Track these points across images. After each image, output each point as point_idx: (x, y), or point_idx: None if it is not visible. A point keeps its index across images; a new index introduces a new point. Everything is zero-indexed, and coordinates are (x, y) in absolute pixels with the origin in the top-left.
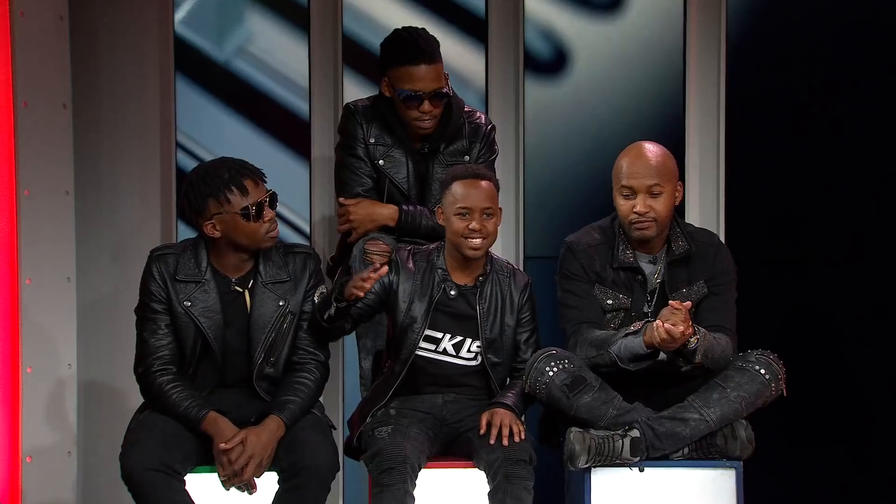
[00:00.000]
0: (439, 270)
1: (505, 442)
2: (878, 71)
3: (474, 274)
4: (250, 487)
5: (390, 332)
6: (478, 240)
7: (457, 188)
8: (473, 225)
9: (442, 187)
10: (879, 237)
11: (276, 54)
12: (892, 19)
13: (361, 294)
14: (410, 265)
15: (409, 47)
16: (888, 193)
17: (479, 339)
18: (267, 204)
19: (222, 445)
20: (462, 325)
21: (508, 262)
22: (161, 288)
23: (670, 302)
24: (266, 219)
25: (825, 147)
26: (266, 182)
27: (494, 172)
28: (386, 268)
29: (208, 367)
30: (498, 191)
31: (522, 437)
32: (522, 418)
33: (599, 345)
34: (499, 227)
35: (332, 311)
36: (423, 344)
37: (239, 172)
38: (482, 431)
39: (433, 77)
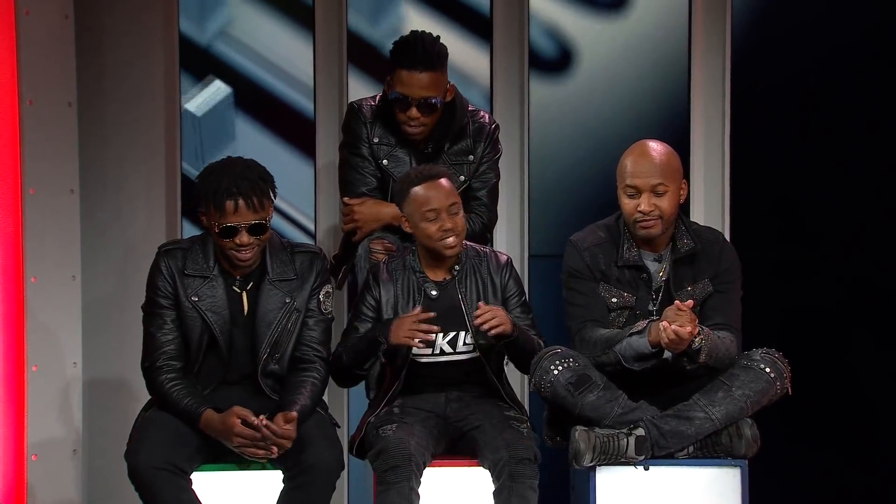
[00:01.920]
0: (416, 273)
1: (482, 325)
2: (884, 70)
3: (448, 266)
4: (271, 454)
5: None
6: (452, 238)
7: (418, 193)
8: (447, 225)
9: (397, 195)
10: (884, 236)
11: (281, 52)
12: None
13: (423, 341)
14: (386, 276)
15: (409, 51)
16: (893, 192)
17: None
18: (245, 230)
19: (255, 421)
20: (451, 319)
21: (483, 247)
22: (168, 283)
23: (676, 303)
24: (236, 241)
25: (830, 145)
26: (261, 209)
27: (498, 172)
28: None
29: (214, 363)
30: (453, 182)
31: (498, 331)
32: (514, 336)
33: (604, 344)
34: (497, 224)
35: (381, 357)
36: (419, 350)
37: (228, 191)
38: (477, 311)
39: (425, 85)
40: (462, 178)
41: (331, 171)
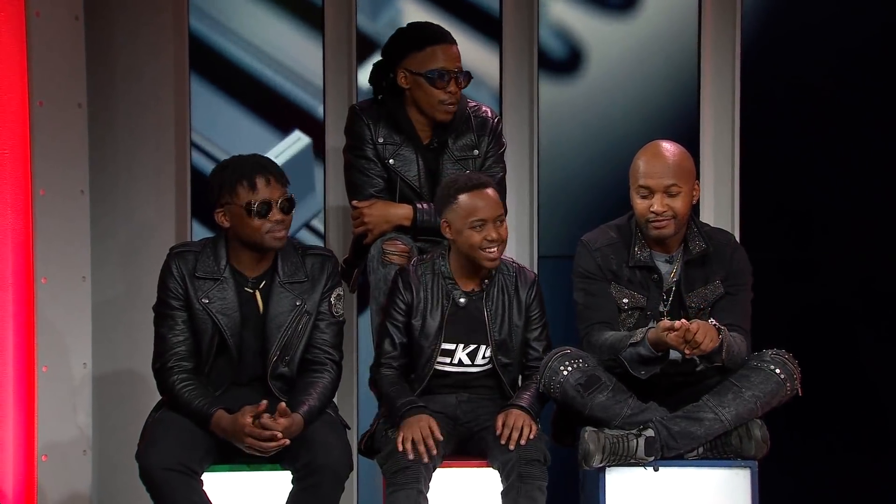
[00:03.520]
0: (445, 279)
1: (522, 442)
2: (894, 71)
3: (480, 277)
4: (282, 446)
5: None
6: (495, 249)
7: (465, 201)
8: (492, 235)
9: (442, 200)
10: (893, 236)
11: (291, 53)
12: None
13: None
14: (415, 279)
15: (430, 30)
16: None
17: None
18: (277, 205)
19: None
20: (473, 332)
21: (514, 261)
22: (179, 285)
23: (661, 323)
24: (272, 219)
25: (840, 146)
26: (286, 186)
27: (504, 165)
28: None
29: (224, 365)
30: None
31: (533, 436)
32: (537, 419)
33: (608, 350)
34: (510, 227)
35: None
36: (438, 358)
37: (254, 169)
38: (498, 433)
39: (458, 56)
40: (468, 172)
41: (340, 172)
